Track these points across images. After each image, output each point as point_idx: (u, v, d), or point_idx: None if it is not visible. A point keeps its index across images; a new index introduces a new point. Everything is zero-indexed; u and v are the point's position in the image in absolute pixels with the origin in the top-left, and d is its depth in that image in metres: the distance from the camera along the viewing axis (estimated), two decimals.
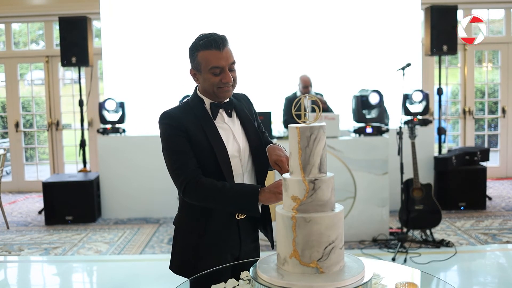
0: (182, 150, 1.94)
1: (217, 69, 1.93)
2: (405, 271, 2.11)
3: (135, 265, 4.53)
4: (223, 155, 1.95)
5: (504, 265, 4.31)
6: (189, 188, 1.92)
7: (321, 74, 6.54)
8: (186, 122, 1.95)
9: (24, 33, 8.08)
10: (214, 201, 1.92)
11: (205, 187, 1.91)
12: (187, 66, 2.05)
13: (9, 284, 4.30)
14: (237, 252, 2.05)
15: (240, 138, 2.03)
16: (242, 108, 2.10)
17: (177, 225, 2.11)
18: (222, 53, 1.92)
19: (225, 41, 1.95)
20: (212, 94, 1.98)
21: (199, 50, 1.94)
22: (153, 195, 5.91)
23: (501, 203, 6.23)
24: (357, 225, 4.84)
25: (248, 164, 2.04)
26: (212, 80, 1.94)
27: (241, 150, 2.01)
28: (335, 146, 4.83)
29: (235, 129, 2.03)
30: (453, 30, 6.12)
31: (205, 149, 1.94)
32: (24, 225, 5.85)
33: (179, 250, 2.08)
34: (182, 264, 2.07)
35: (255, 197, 1.88)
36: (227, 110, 2.03)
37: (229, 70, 1.95)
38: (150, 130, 6.12)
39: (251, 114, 2.14)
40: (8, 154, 7.74)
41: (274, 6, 6.55)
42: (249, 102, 2.19)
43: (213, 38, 1.92)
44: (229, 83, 1.95)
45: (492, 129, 8.01)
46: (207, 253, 2.01)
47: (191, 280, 1.86)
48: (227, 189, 1.91)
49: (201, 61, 1.94)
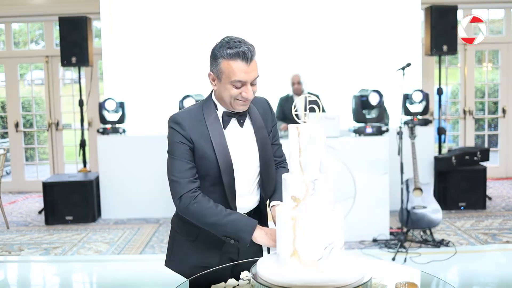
0: (183, 158, 1.90)
1: (239, 83, 1.83)
2: (405, 271, 2.11)
3: (135, 265, 4.53)
4: (227, 165, 1.91)
5: (504, 265, 4.31)
6: (184, 201, 1.89)
7: (321, 74, 6.55)
8: (193, 128, 1.90)
9: (24, 33, 8.08)
10: (206, 221, 1.88)
11: (202, 206, 1.87)
12: (187, 66, 2.04)
13: (9, 284, 4.30)
14: (235, 256, 2.03)
15: (248, 149, 1.97)
16: (257, 116, 2.01)
17: (173, 226, 2.12)
18: (248, 67, 1.82)
19: (253, 54, 1.83)
20: (227, 104, 1.91)
21: (225, 58, 1.82)
22: (153, 195, 5.91)
23: (501, 203, 6.23)
24: (357, 225, 4.84)
25: (253, 177, 2.00)
26: (231, 92, 1.85)
27: (248, 162, 1.96)
28: (335, 146, 4.83)
29: (245, 139, 1.97)
30: (453, 30, 6.12)
31: (209, 157, 1.90)
32: (24, 225, 5.84)
33: (175, 250, 2.09)
34: (178, 264, 2.08)
35: (250, 232, 1.85)
36: (240, 120, 1.96)
37: (251, 84, 1.86)
38: (150, 130, 6.13)
39: (266, 122, 2.06)
40: (8, 154, 7.74)
41: (274, 6, 6.55)
42: (267, 108, 2.09)
43: (242, 50, 1.80)
44: (249, 98, 1.87)
45: (492, 129, 8.01)
46: (202, 256, 2.00)
47: (191, 280, 1.86)
48: (223, 215, 1.86)
49: (224, 70, 1.83)
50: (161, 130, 6.46)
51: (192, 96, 5.43)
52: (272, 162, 2.04)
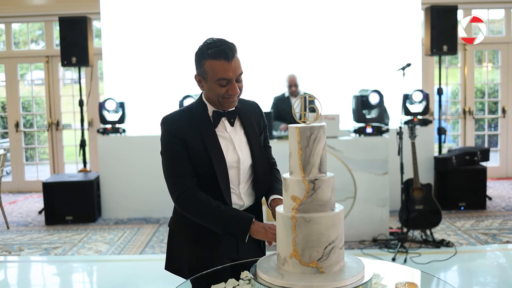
0: (177, 157, 1.94)
1: (224, 80, 1.88)
2: (405, 271, 2.11)
3: (135, 265, 4.53)
4: (221, 164, 1.93)
5: (504, 265, 4.31)
6: (183, 198, 1.93)
7: (321, 74, 6.55)
8: (185, 128, 1.94)
9: (24, 33, 8.08)
10: (204, 218, 1.92)
11: (200, 203, 1.91)
12: (187, 66, 2.05)
13: (9, 284, 4.30)
14: (235, 255, 2.03)
15: (240, 148, 2.00)
16: (248, 116, 2.05)
17: (171, 227, 2.12)
18: (230, 64, 1.86)
19: (234, 51, 1.88)
20: (216, 104, 1.95)
21: (207, 58, 1.87)
22: (153, 195, 5.90)
23: (501, 203, 6.23)
24: (357, 225, 4.84)
25: (247, 175, 2.02)
26: (218, 90, 1.90)
27: (240, 160, 1.98)
28: (335, 146, 4.83)
29: (236, 138, 2.00)
30: (453, 30, 6.12)
31: (202, 156, 1.92)
32: (24, 225, 5.85)
33: (174, 252, 2.09)
34: (177, 265, 2.08)
35: (247, 226, 1.88)
36: (230, 119, 1.99)
37: (236, 81, 1.90)
38: (150, 130, 6.12)
39: (259, 125, 2.09)
40: (8, 154, 7.74)
41: (274, 6, 6.55)
42: (259, 111, 2.13)
43: (222, 49, 1.85)
44: (235, 95, 1.91)
45: (492, 129, 8.01)
46: (201, 256, 2.00)
47: (191, 280, 1.86)
48: (221, 211, 1.90)
49: (208, 70, 1.88)
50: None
51: (192, 96, 5.43)
52: (264, 160, 2.07)
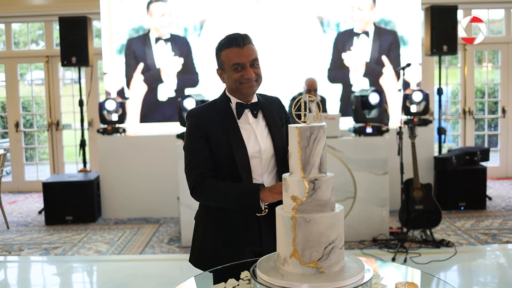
0: (198, 150, 2.01)
1: (238, 65, 1.98)
2: (405, 271, 2.10)
3: (135, 265, 4.53)
4: (242, 154, 1.99)
5: (504, 265, 4.31)
6: (196, 189, 2.00)
7: (321, 74, 6.55)
8: (208, 120, 2.02)
9: (24, 33, 8.08)
10: (218, 200, 2.00)
11: (210, 188, 1.98)
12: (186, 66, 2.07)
13: (9, 284, 4.30)
14: (258, 249, 2.05)
15: (262, 139, 2.05)
16: (270, 110, 2.12)
17: (197, 220, 2.17)
18: (242, 50, 1.97)
19: (245, 39, 2.00)
20: (236, 91, 2.03)
21: (222, 49, 2.01)
22: (153, 195, 5.91)
23: (501, 203, 6.23)
24: (357, 225, 4.84)
25: (270, 166, 2.06)
26: (234, 76, 1.99)
27: (262, 151, 2.03)
28: (335, 146, 4.83)
29: (259, 129, 2.06)
30: (453, 30, 6.11)
31: (224, 147, 1.99)
32: (24, 225, 5.84)
33: (198, 245, 2.14)
34: (200, 258, 2.12)
35: (256, 195, 1.93)
36: (253, 110, 2.06)
37: (251, 66, 1.99)
38: (150, 130, 6.12)
39: (280, 118, 2.15)
40: (8, 154, 7.74)
41: (277, 6, 6.55)
42: (280, 106, 2.20)
43: (234, 37, 1.99)
44: (251, 79, 1.99)
45: (492, 129, 8.01)
46: (225, 249, 2.04)
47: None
48: (230, 188, 1.96)
49: (224, 59, 2.01)
50: (161, 130, 6.47)
51: (192, 96, 5.42)
52: (287, 152, 2.07)
